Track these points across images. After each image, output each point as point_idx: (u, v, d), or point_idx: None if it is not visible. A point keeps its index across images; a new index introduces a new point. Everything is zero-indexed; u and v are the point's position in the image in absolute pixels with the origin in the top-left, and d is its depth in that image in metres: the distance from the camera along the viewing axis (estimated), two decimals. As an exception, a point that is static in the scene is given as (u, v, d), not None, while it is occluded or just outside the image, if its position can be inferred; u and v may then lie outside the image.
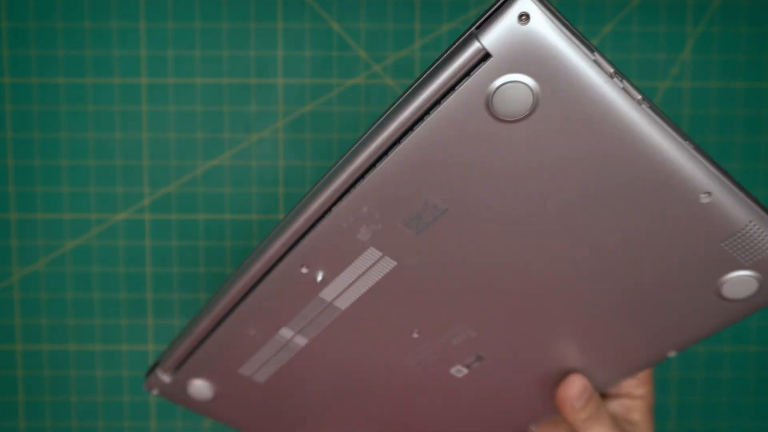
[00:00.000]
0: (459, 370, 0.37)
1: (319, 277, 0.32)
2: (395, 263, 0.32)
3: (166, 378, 0.38)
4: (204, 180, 0.53)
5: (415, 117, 0.27)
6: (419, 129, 0.27)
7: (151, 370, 0.39)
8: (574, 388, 0.38)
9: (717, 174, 0.29)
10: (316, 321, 0.35)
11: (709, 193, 0.29)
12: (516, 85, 0.25)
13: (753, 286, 0.33)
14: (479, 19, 0.25)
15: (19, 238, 0.53)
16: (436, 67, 0.26)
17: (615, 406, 0.42)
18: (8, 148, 0.52)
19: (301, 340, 0.36)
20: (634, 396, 0.41)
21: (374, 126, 0.28)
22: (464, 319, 0.34)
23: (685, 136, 0.28)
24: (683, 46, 0.52)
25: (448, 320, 0.34)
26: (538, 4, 0.24)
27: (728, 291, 0.33)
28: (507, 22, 0.24)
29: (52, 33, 0.52)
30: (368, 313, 0.34)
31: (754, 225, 0.30)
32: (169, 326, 0.54)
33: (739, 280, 0.33)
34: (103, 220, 0.53)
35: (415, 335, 0.35)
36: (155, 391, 0.39)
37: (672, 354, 0.36)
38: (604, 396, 0.42)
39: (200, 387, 0.39)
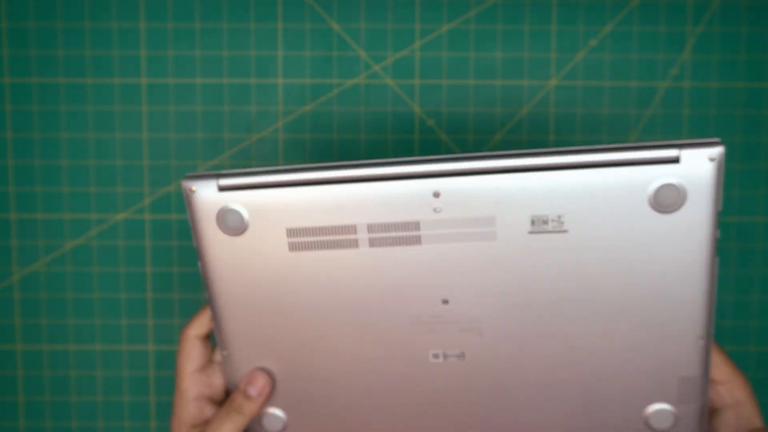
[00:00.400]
0: (436, 355, 0.41)
1: (436, 207, 0.37)
2: (495, 242, 0.37)
3: (215, 189, 0.38)
4: (204, 180, 0.53)
5: (595, 162, 0.36)
6: (595, 172, 0.36)
7: (204, 176, 0.38)
8: None
9: (712, 326, 0.38)
10: (392, 239, 0.38)
11: (703, 338, 0.38)
12: (678, 189, 0.35)
13: (670, 421, 0.41)
14: (686, 141, 0.36)
15: (19, 238, 0.53)
16: (634, 147, 0.36)
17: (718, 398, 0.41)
18: (8, 148, 0.52)
19: (363, 245, 0.38)
20: (718, 381, 0.41)
21: (570, 148, 0.37)
22: (492, 320, 0.39)
23: None
24: (683, 46, 0.52)
25: (479, 311, 0.39)
26: (723, 157, 0.35)
27: (655, 418, 0.41)
28: (703, 153, 0.35)
29: (52, 33, 0.52)
30: (431, 261, 0.39)
31: (706, 377, 0.39)
32: (168, 326, 0.54)
33: (669, 413, 0.40)
34: (103, 220, 0.53)
35: (443, 303, 0.39)
36: (192, 191, 0.38)
37: None
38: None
39: (240, 216, 0.38)
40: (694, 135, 0.53)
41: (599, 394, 0.41)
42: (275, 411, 0.43)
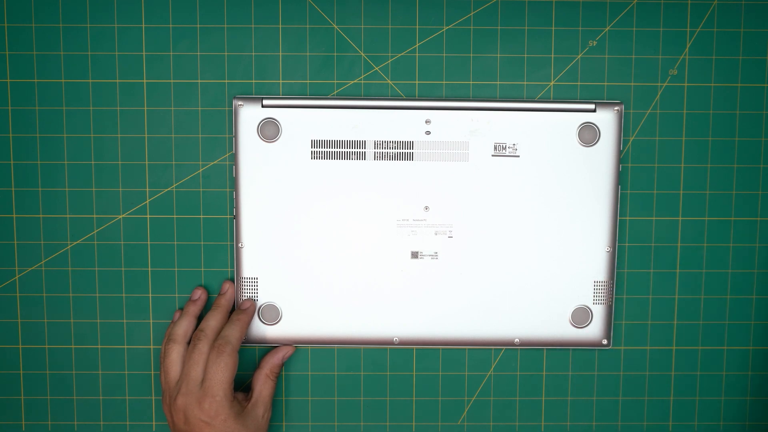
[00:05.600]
0: (415, 254, 0.52)
1: (427, 130, 0.51)
2: (467, 162, 0.51)
3: (259, 106, 0.50)
4: (204, 180, 0.53)
5: (542, 108, 0.51)
6: (541, 114, 0.51)
7: (251, 97, 0.51)
8: None
9: (616, 240, 0.52)
10: (392, 154, 0.51)
11: (609, 248, 0.52)
12: (594, 128, 0.51)
13: (587, 319, 0.53)
14: (599, 101, 0.52)
15: (20, 237, 0.53)
16: (566, 101, 0.51)
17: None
18: (9, 148, 0.52)
19: (370, 158, 0.51)
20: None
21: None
22: (461, 225, 0.52)
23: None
24: (683, 46, 0.52)
25: (452, 218, 0.52)
26: (622, 111, 0.51)
27: (575, 316, 0.53)
28: (610, 107, 0.51)
29: (53, 33, 0.52)
30: (419, 174, 0.51)
31: (613, 281, 0.53)
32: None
33: (587, 310, 0.53)
34: (105, 220, 0.53)
35: (425, 209, 0.52)
36: (240, 105, 0.50)
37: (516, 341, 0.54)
38: None
39: (276, 125, 0.50)
40: (693, 134, 0.53)
41: (538, 292, 0.52)
42: (273, 304, 0.53)
